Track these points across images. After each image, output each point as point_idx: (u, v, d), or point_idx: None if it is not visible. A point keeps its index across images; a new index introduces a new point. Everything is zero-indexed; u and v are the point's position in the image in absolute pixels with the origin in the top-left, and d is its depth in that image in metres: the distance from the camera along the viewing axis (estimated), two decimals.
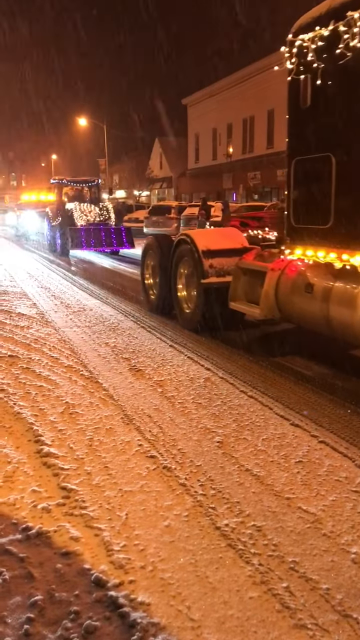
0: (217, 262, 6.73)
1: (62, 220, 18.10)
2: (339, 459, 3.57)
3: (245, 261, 6.37)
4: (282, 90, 21.99)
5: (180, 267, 7.42)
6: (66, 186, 20.17)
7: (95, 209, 18.54)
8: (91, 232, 17.19)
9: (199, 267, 6.77)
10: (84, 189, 20.52)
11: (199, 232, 7.81)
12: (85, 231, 17.18)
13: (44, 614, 2.27)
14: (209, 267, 6.71)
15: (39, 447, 3.69)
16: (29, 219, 26.98)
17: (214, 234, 7.76)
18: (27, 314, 7.99)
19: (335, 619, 2.23)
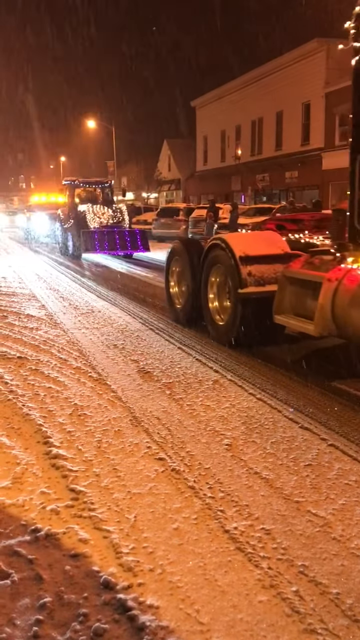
0: (256, 269, 6.07)
1: (75, 223, 17.67)
2: (349, 462, 3.55)
3: (294, 269, 5.65)
4: (290, 91, 22.07)
5: (212, 274, 6.79)
6: (78, 187, 19.66)
7: (108, 211, 18.04)
8: (104, 234, 16.66)
9: (236, 275, 6.10)
10: (97, 191, 20.09)
11: (234, 236, 7.03)
12: (98, 234, 16.64)
13: (52, 616, 2.26)
14: (247, 275, 6.05)
15: (47, 449, 3.70)
16: (39, 221, 26.72)
17: (252, 238, 6.90)
18: (36, 315, 8.01)
19: (346, 623, 2.21)
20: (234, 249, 6.23)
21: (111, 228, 17.20)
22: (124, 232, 17.13)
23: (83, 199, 19.46)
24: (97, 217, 17.59)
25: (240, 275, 6.07)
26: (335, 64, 28.16)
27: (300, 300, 5.55)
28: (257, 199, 34.79)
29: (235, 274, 6.13)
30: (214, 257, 6.72)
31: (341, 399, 4.66)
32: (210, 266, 6.82)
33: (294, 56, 30.88)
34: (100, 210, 17.88)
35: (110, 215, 17.91)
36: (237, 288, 6.09)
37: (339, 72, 27.77)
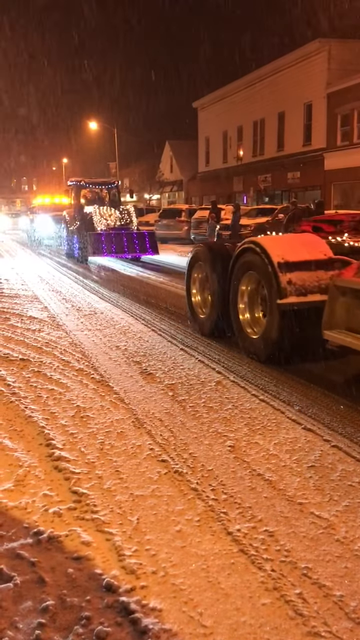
0: (297, 277, 5.37)
1: (81, 225, 17.12)
2: (352, 463, 3.53)
3: (347, 278, 5.00)
4: (292, 92, 22.08)
5: (243, 282, 6.14)
6: (84, 188, 18.99)
7: (115, 212, 17.25)
8: (112, 237, 16.01)
9: (274, 283, 5.41)
10: (103, 192, 19.47)
11: (271, 239, 6.21)
12: (105, 236, 15.98)
13: (55, 619, 2.26)
14: (287, 283, 5.35)
15: (50, 451, 3.69)
16: (42, 223, 26.29)
17: (291, 242, 6.00)
18: (39, 317, 8.00)
19: (350, 626, 2.20)
20: (271, 254, 5.53)
21: (119, 230, 16.59)
22: (132, 234, 16.57)
23: (89, 200, 18.94)
24: (104, 218, 16.92)
25: (279, 283, 5.37)
26: (337, 65, 28.16)
27: (355, 314, 4.89)
28: (260, 200, 34.77)
29: (273, 282, 5.44)
30: (246, 263, 6.04)
31: (345, 399, 4.64)
32: (241, 273, 6.16)
33: (295, 57, 30.88)
34: (107, 212, 17.19)
35: (118, 217, 17.23)
36: (276, 298, 5.39)
37: (340, 72, 27.76)
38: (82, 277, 13.04)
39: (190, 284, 7.53)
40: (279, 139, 33.53)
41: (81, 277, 13.04)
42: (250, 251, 5.91)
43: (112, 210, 17.27)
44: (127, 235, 16.31)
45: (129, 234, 16.41)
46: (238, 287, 6.20)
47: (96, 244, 15.81)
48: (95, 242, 15.82)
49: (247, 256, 5.98)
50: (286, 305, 5.34)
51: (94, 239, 15.85)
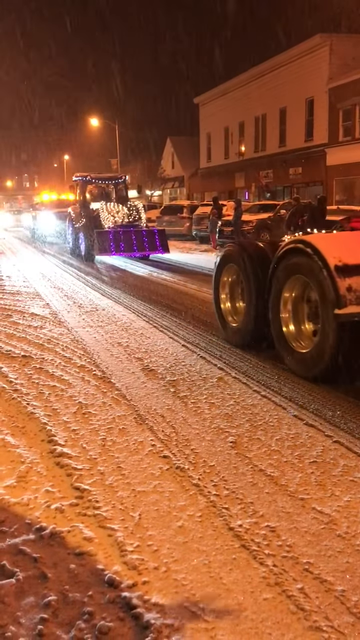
0: (358, 283, 4.69)
1: (87, 222, 16.31)
2: (354, 459, 3.53)
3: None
4: (293, 87, 22.01)
5: (286, 288, 5.39)
6: (90, 184, 18.00)
7: (123, 208, 16.52)
8: (120, 235, 15.16)
9: (330, 290, 4.70)
10: (109, 187, 18.49)
11: (325, 238, 5.38)
12: (113, 234, 15.15)
13: (57, 615, 2.26)
14: (347, 290, 4.64)
15: (52, 447, 3.70)
16: (45, 220, 25.42)
17: (349, 241, 5.23)
18: (40, 313, 8.01)
19: (351, 621, 2.20)
20: (326, 256, 4.79)
21: (127, 228, 15.79)
22: (142, 231, 15.72)
23: (95, 197, 17.96)
24: (112, 215, 16.15)
25: (337, 290, 4.66)
26: (339, 60, 28.06)
27: None
28: (261, 196, 34.73)
29: (328, 289, 4.72)
30: (292, 266, 5.30)
31: (346, 395, 4.64)
32: (285, 277, 5.41)
33: (297, 52, 30.77)
34: (115, 208, 16.43)
35: (126, 214, 16.45)
36: (332, 308, 4.70)
37: (342, 67, 27.66)
38: (89, 277, 12.97)
39: (219, 288, 6.76)
40: (281, 134, 33.44)
41: (88, 277, 12.96)
42: (298, 252, 5.16)
43: (119, 207, 16.56)
44: (136, 233, 15.57)
45: (138, 232, 15.66)
46: (280, 293, 5.46)
47: (104, 242, 15.04)
48: (103, 240, 15.06)
49: (294, 258, 5.23)
50: (345, 316, 4.65)
51: (101, 237, 15.11)
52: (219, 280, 6.79)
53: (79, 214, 17.38)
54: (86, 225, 16.20)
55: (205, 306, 8.48)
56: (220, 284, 6.78)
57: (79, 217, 17.29)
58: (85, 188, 17.71)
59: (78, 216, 17.40)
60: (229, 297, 6.69)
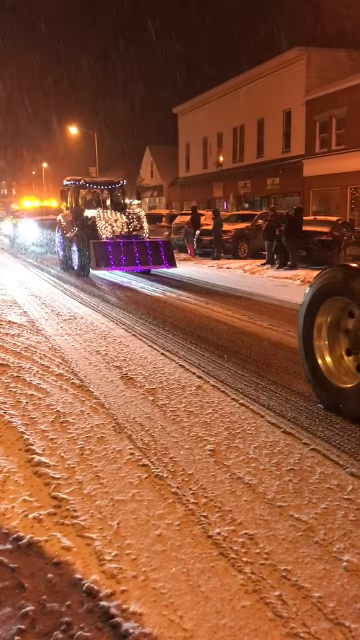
0: None
1: (81, 232, 14.49)
2: (331, 466, 3.57)
3: None
4: (271, 99, 22.23)
5: None
6: (83, 189, 16.26)
7: (121, 217, 14.69)
8: (121, 247, 13.38)
9: None
10: (104, 193, 16.82)
11: None
12: (113, 246, 13.34)
13: (35, 625, 2.24)
14: None
15: (29, 456, 3.67)
16: (27, 228, 23.64)
17: None
18: (19, 322, 7.94)
19: (328, 627, 2.23)
20: None
21: (128, 238, 14.06)
22: (144, 243, 13.98)
23: (88, 203, 16.33)
24: (109, 224, 14.28)
25: None
26: (316, 72, 28.52)
27: None
28: (239, 206, 34.98)
29: None
30: None
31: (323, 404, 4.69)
32: None
33: (274, 64, 31.20)
34: (113, 216, 14.58)
35: (125, 222, 14.61)
36: None
37: (319, 80, 28.12)
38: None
39: (312, 333, 4.69)
40: (259, 145, 33.80)
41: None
42: None
43: (117, 215, 14.78)
44: (138, 244, 13.78)
45: (140, 243, 13.88)
46: None
47: (102, 254, 13.22)
48: (102, 252, 13.24)
49: None
50: None
51: (99, 249, 13.30)
52: (312, 322, 4.67)
53: (70, 223, 15.59)
54: (80, 236, 14.46)
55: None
56: (314, 327, 4.67)
57: (70, 225, 15.56)
58: (78, 193, 16.05)
59: (69, 225, 15.63)
60: (330, 346, 4.63)
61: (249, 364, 5.92)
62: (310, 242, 16.55)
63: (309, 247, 16.59)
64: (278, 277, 14.58)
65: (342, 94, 26.12)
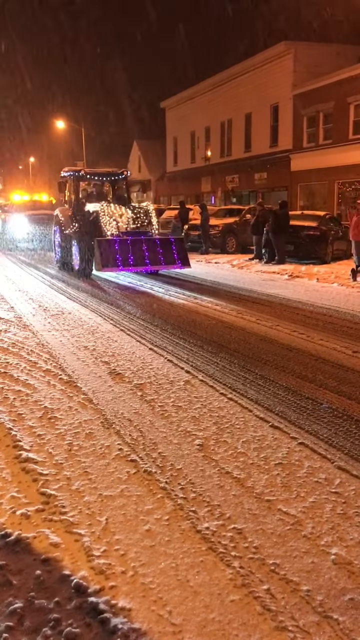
0: None
1: (82, 228, 12.95)
2: (319, 460, 3.59)
3: None
4: (259, 94, 22.17)
5: None
6: (84, 181, 14.70)
7: (127, 211, 13.33)
8: (128, 245, 11.92)
9: None
10: (106, 185, 15.30)
11: None
12: (120, 244, 11.86)
13: (23, 622, 2.24)
14: None
15: (17, 453, 3.65)
16: (17, 224, 22.16)
17: None
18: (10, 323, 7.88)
19: (316, 620, 2.24)
20: None
21: (137, 235, 12.61)
22: (154, 240, 12.47)
23: (88, 196, 14.82)
24: (114, 219, 12.83)
25: None
26: (303, 67, 28.52)
27: None
28: (227, 200, 34.98)
29: None
30: None
31: (311, 397, 4.71)
32: None
33: (262, 59, 31.14)
34: (117, 211, 13.15)
35: (131, 217, 13.26)
36: None
37: (306, 75, 28.12)
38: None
39: None
40: (246, 140, 33.75)
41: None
42: None
43: (123, 209, 13.35)
44: (147, 242, 12.25)
45: (150, 241, 12.35)
46: None
47: (108, 254, 11.72)
48: (108, 251, 11.74)
49: None
50: None
51: (105, 247, 11.76)
52: None
53: (69, 218, 14.08)
54: (81, 232, 12.94)
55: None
56: None
57: (69, 221, 13.98)
58: (77, 186, 14.41)
59: (68, 220, 14.06)
60: None
61: (237, 358, 5.93)
62: (298, 236, 16.59)
63: (297, 242, 16.62)
64: (266, 271, 14.60)
65: (329, 88, 26.14)
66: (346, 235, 15.55)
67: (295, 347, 6.42)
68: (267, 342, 6.66)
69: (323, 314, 8.51)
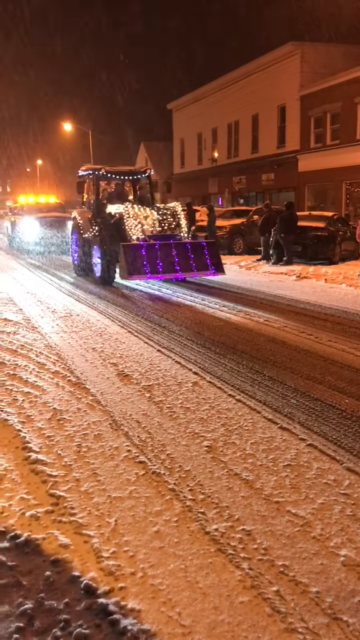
0: None
1: (104, 231, 11.92)
2: (327, 461, 3.58)
3: None
4: (266, 94, 22.08)
5: None
6: (105, 180, 13.45)
7: (152, 213, 12.19)
8: (156, 250, 10.91)
9: None
10: (126, 185, 14.15)
11: None
12: (147, 249, 10.85)
13: (33, 623, 2.25)
14: None
15: (26, 454, 3.67)
16: (27, 226, 21.40)
17: None
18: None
19: (326, 622, 2.23)
20: None
21: (165, 239, 11.50)
22: (185, 245, 11.42)
23: (109, 197, 13.64)
24: (139, 222, 11.78)
25: None
26: (310, 67, 28.47)
27: None
28: (235, 202, 34.95)
29: None
30: None
31: (319, 398, 4.70)
32: None
33: (269, 59, 31.11)
34: (142, 212, 12.03)
35: (157, 219, 12.11)
36: None
37: (313, 75, 28.08)
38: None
39: None
40: (254, 141, 33.72)
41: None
42: None
43: (147, 211, 12.23)
44: (177, 246, 11.25)
45: (180, 245, 11.33)
46: None
47: (135, 260, 10.72)
48: (134, 257, 10.74)
49: None
50: None
51: (131, 252, 10.76)
52: None
53: (88, 220, 12.92)
54: (102, 236, 11.90)
55: None
56: None
57: (88, 224, 12.87)
58: (97, 186, 13.21)
59: (88, 223, 12.93)
60: None
61: (245, 359, 5.92)
62: (306, 237, 16.55)
63: (305, 243, 16.59)
64: (274, 272, 14.58)
65: (336, 89, 26.08)
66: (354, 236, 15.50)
67: (304, 348, 6.41)
68: (276, 344, 6.65)
69: (331, 315, 8.49)
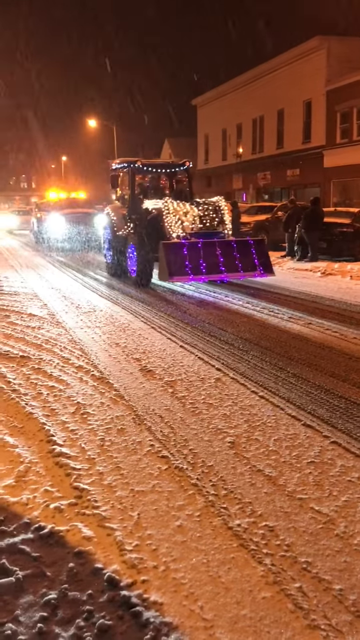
0: None
1: (141, 228, 11.01)
2: (352, 459, 3.55)
3: None
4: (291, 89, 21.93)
5: None
6: (141, 174, 12.51)
7: (193, 208, 11.06)
8: (199, 249, 9.90)
9: None
10: (162, 179, 13.22)
11: None
12: (189, 248, 9.84)
13: (57, 613, 2.28)
14: None
15: (51, 447, 3.71)
16: (54, 223, 20.77)
17: None
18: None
19: (349, 619, 2.22)
20: None
21: (208, 237, 10.44)
22: (230, 243, 10.38)
23: (143, 192, 12.62)
24: (179, 219, 10.67)
25: None
26: (336, 62, 28.14)
27: None
28: (259, 198, 34.76)
29: None
30: None
31: (344, 396, 4.66)
32: None
33: (294, 54, 30.84)
34: (182, 208, 10.88)
35: (197, 216, 10.99)
36: None
37: (339, 69, 27.74)
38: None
39: None
40: (279, 136, 33.50)
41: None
42: None
43: (188, 206, 11.08)
44: (221, 245, 10.24)
45: (224, 244, 10.31)
46: None
47: (177, 259, 9.71)
48: (175, 257, 9.73)
49: None
50: None
51: (172, 251, 9.77)
52: None
53: (123, 217, 12.05)
54: (139, 234, 10.99)
55: None
56: None
57: (123, 220, 12.00)
58: (133, 179, 12.15)
59: (122, 219, 12.09)
60: None
61: (268, 356, 5.89)
62: (331, 233, 16.38)
63: (330, 239, 16.42)
64: (298, 269, 14.47)
65: None
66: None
67: (328, 345, 6.35)
68: (300, 340, 6.61)
69: (357, 312, 8.40)
